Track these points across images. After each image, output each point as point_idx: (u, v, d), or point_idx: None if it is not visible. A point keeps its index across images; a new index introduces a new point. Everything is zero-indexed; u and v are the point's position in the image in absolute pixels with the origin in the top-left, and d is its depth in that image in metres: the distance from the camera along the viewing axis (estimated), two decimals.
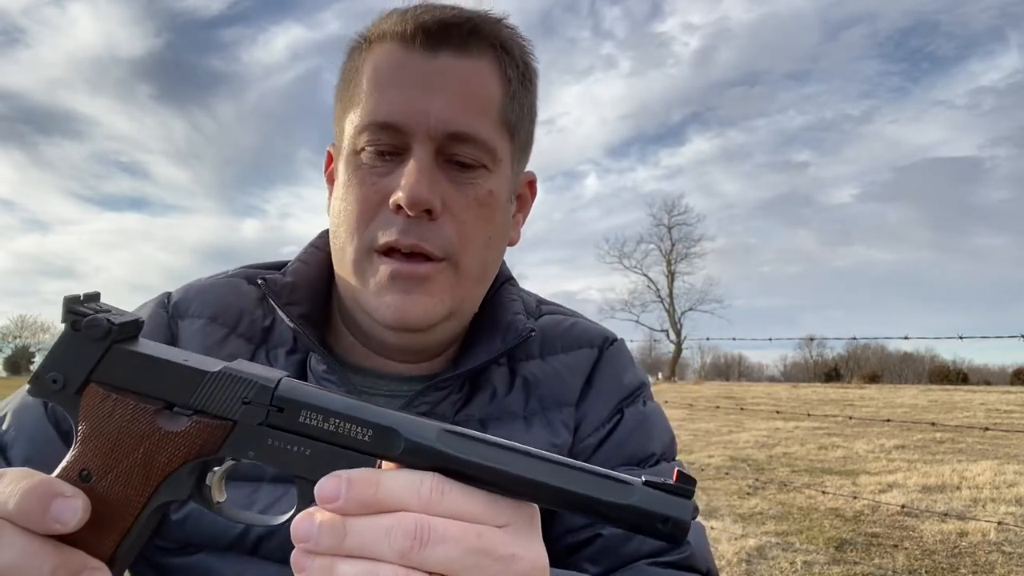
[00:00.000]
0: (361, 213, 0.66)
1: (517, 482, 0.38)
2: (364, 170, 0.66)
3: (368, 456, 0.39)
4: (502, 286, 0.79)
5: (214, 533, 0.64)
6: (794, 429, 9.96)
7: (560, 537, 0.71)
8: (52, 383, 0.40)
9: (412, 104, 0.64)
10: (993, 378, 36.70)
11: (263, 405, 0.40)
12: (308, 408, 0.39)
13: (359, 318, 0.71)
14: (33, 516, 0.36)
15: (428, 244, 0.64)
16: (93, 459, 0.39)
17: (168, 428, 0.40)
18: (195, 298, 0.74)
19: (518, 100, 0.70)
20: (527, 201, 0.79)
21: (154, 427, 0.39)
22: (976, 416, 11.33)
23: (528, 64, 0.73)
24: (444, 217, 0.65)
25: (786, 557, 4.02)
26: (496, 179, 0.68)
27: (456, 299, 0.68)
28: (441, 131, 0.64)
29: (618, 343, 0.84)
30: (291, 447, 0.39)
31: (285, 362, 0.71)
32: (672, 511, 0.39)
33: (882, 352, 41.27)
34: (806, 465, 7.09)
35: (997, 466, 6.56)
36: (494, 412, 0.73)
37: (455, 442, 0.39)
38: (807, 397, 17.25)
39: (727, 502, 5.44)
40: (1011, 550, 4.06)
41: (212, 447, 0.40)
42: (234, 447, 0.40)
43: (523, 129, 0.72)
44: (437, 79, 0.65)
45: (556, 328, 0.81)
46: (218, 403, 0.40)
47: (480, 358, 0.72)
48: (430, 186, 0.63)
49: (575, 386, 0.77)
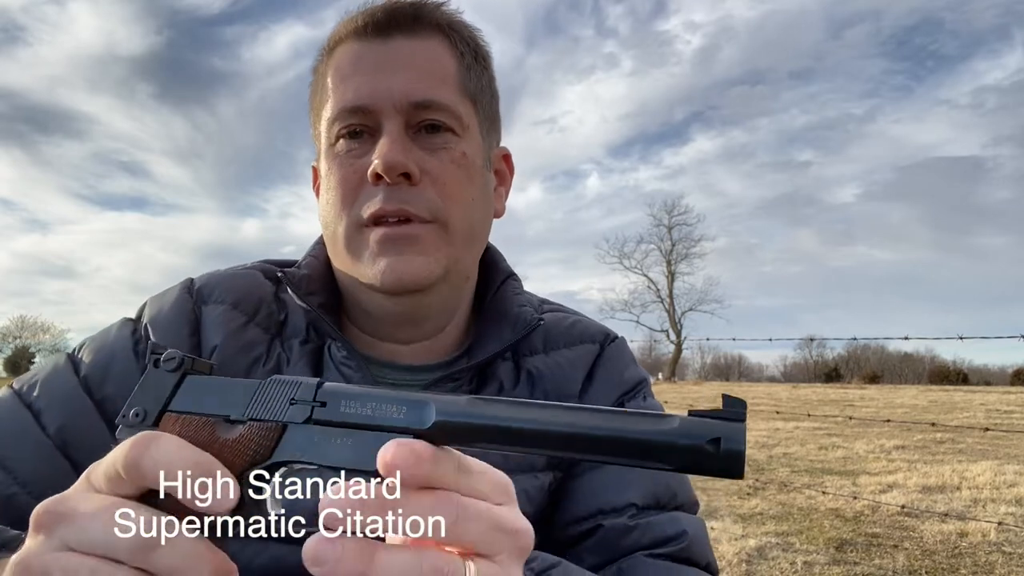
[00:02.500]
0: (345, 194, 0.69)
1: (559, 436, 0.38)
2: (342, 157, 0.69)
3: (404, 433, 0.40)
4: (505, 281, 0.81)
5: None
6: (794, 429, 9.96)
7: (562, 528, 0.72)
8: (135, 416, 0.44)
9: (374, 85, 0.67)
10: (993, 378, 36.75)
11: (307, 402, 0.42)
12: (348, 397, 0.41)
13: (360, 298, 0.73)
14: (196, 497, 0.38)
15: (413, 207, 0.66)
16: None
17: (225, 437, 0.42)
18: (218, 284, 0.76)
19: (475, 72, 0.73)
20: (506, 176, 0.82)
21: (214, 437, 0.42)
22: (976, 416, 11.34)
23: (479, 44, 0.76)
24: (424, 182, 0.67)
25: (786, 557, 4.02)
26: (467, 143, 0.71)
27: (450, 258, 0.70)
28: (405, 103, 0.67)
29: (619, 340, 0.85)
30: (335, 440, 0.41)
31: (299, 351, 0.72)
32: (721, 432, 0.37)
33: (882, 352, 41.31)
34: (806, 465, 7.09)
35: (997, 466, 6.56)
36: None
37: (486, 407, 0.39)
38: (807, 397, 17.26)
39: (727, 502, 5.44)
40: (1011, 550, 4.06)
41: (266, 451, 0.42)
42: (285, 450, 0.42)
43: (485, 101, 0.75)
44: (394, 59, 0.68)
45: (559, 325, 0.82)
46: (268, 408, 0.43)
47: (492, 348, 0.74)
48: (404, 152, 0.66)
49: (577, 379, 0.78)
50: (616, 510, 0.70)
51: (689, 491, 0.76)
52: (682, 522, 0.70)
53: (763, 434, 9.37)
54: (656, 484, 0.72)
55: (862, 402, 15.58)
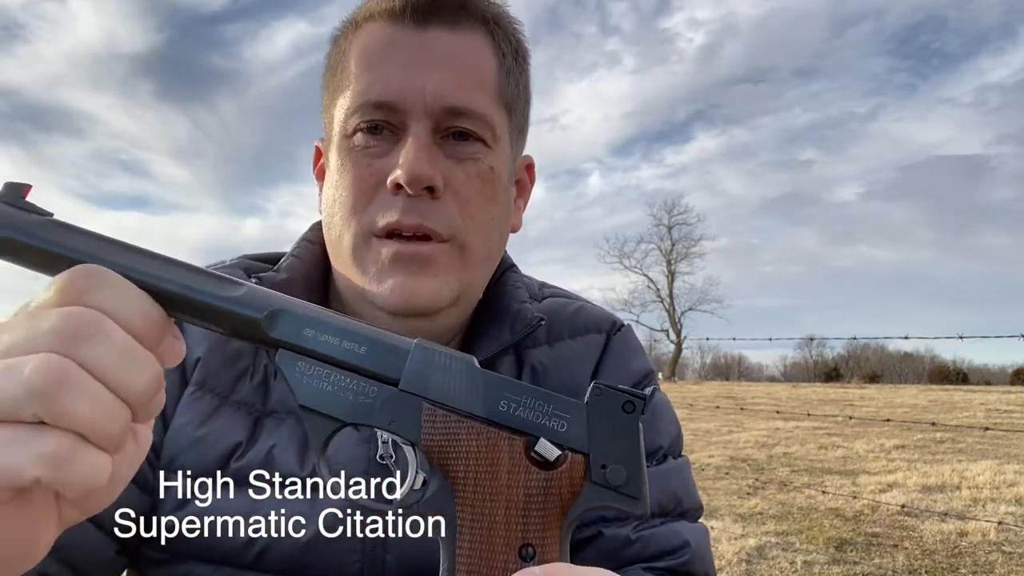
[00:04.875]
0: (357, 197, 0.63)
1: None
2: (357, 152, 0.63)
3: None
4: (505, 273, 0.77)
5: (209, 543, 0.60)
6: (794, 429, 9.96)
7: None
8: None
9: (406, 81, 0.61)
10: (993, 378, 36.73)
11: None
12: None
13: (360, 309, 0.68)
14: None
15: (432, 224, 0.61)
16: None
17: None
18: None
19: (513, 76, 0.68)
20: (526, 187, 0.77)
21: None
22: (976, 416, 11.34)
23: (520, 42, 0.70)
24: (446, 196, 0.62)
25: (786, 557, 4.02)
26: (496, 156, 0.65)
27: (464, 282, 0.65)
28: (438, 107, 0.61)
29: (625, 329, 0.81)
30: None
31: None
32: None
33: (882, 352, 41.31)
34: (806, 465, 7.09)
35: (997, 466, 6.56)
36: None
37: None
38: (807, 397, 17.26)
39: (727, 502, 5.44)
40: (1011, 550, 4.06)
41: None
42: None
43: (519, 108, 0.70)
44: (430, 54, 0.62)
45: (561, 313, 0.78)
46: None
47: (490, 349, 0.69)
48: (430, 162, 0.60)
49: (583, 375, 0.74)
50: (619, 518, 0.67)
51: (694, 497, 0.73)
52: (684, 532, 0.68)
53: (763, 434, 9.37)
54: (662, 491, 0.69)
55: (862, 402, 15.58)
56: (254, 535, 0.60)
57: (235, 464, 0.62)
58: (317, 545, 0.60)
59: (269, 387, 0.67)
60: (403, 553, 0.62)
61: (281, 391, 0.66)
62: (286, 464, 0.62)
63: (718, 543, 4.27)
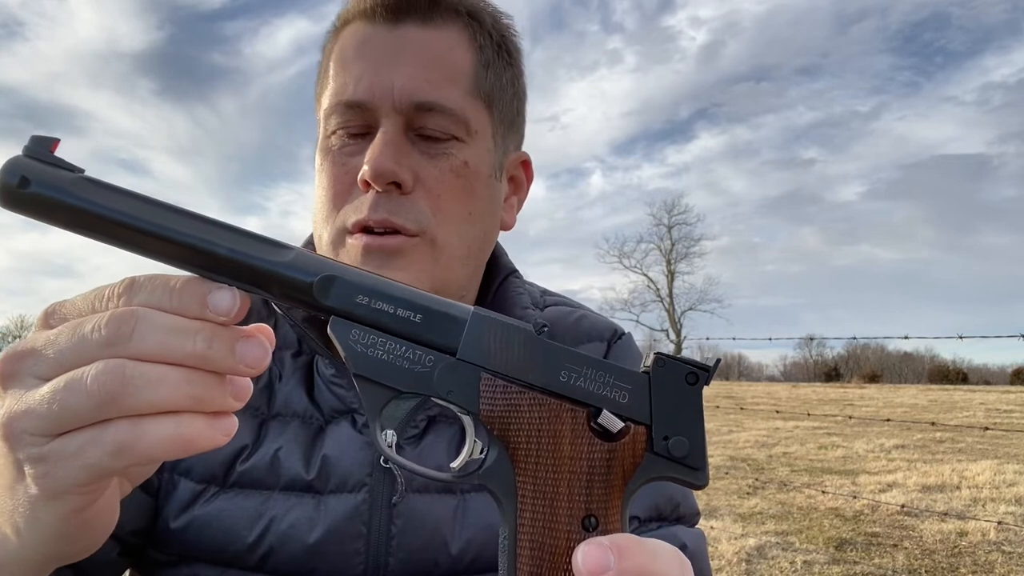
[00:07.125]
0: (333, 196, 0.64)
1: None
2: (335, 152, 0.65)
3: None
4: (507, 279, 0.76)
5: (217, 546, 0.61)
6: (794, 429, 9.97)
7: None
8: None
9: (376, 78, 0.62)
10: (993, 378, 36.78)
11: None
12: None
13: None
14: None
15: (399, 218, 0.61)
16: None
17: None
18: None
19: (494, 69, 0.67)
20: (522, 184, 0.76)
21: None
22: (976, 416, 11.34)
23: (504, 35, 0.70)
24: (417, 191, 0.62)
25: (786, 557, 4.02)
26: (472, 150, 0.65)
27: (437, 278, 0.64)
28: (406, 103, 0.61)
29: (626, 337, 0.82)
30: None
31: (292, 365, 0.69)
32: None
33: (882, 352, 41.34)
34: (806, 465, 7.10)
35: (997, 466, 6.57)
36: None
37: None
38: (807, 397, 17.27)
39: (727, 502, 5.45)
40: (1011, 550, 4.06)
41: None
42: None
43: (503, 102, 0.69)
44: (400, 51, 0.62)
45: (563, 321, 0.78)
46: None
47: None
48: (395, 157, 0.60)
49: None
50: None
51: (692, 503, 0.73)
52: (681, 537, 0.68)
53: (763, 434, 9.38)
54: (659, 495, 0.69)
55: (862, 401, 15.58)
56: (260, 537, 0.61)
57: (240, 467, 0.62)
58: (322, 547, 0.60)
59: (274, 390, 0.67)
60: (407, 555, 0.62)
61: (286, 394, 0.66)
62: (291, 467, 0.62)
63: (718, 543, 4.27)
